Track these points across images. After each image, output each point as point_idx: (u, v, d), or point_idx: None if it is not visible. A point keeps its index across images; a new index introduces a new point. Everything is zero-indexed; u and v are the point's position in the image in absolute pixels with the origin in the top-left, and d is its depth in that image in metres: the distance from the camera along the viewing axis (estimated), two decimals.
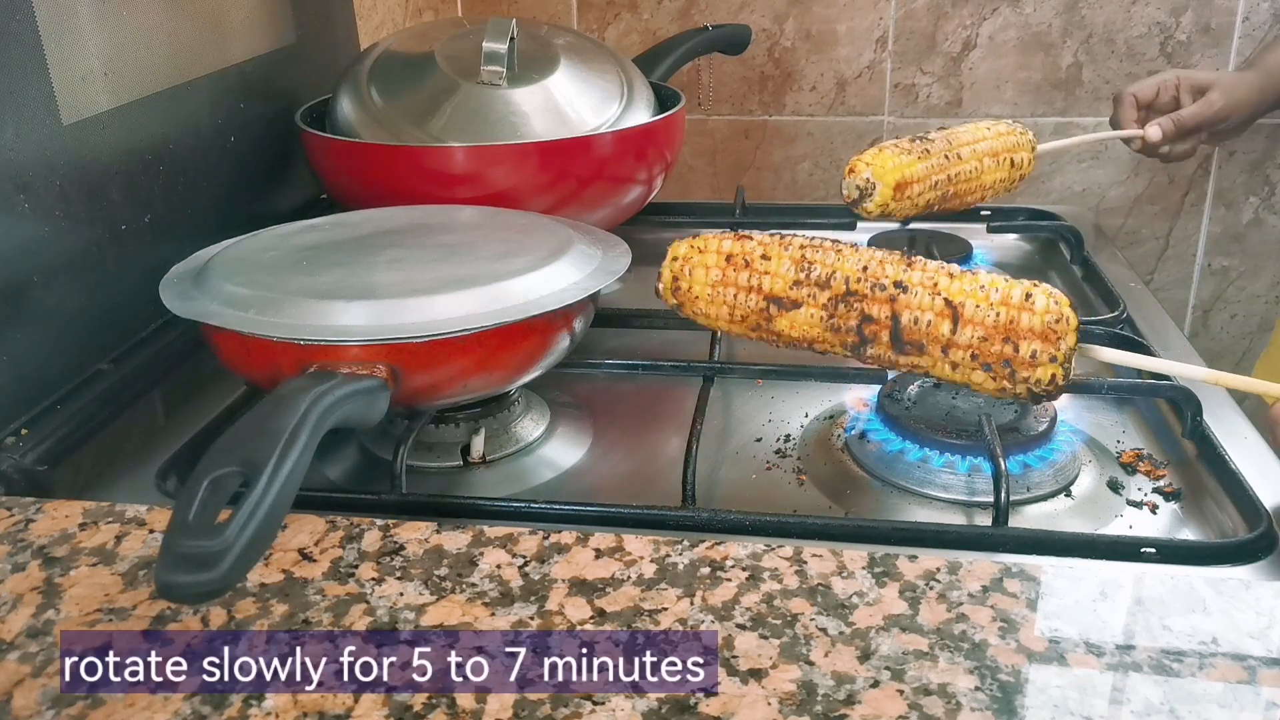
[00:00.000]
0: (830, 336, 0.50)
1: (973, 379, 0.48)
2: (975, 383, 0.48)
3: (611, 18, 1.23)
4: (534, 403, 0.61)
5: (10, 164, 0.54)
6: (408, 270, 0.55)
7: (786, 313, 0.50)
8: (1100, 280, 0.76)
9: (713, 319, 0.53)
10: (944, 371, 0.48)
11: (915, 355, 0.49)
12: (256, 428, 0.40)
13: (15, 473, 0.52)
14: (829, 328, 0.50)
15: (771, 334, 0.52)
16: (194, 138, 0.71)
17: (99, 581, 0.40)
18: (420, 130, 0.74)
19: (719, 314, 0.52)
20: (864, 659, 0.35)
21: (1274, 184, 1.18)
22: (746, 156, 1.26)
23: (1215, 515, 0.50)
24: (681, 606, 0.37)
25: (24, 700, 0.34)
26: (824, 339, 0.50)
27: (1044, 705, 0.33)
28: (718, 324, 0.53)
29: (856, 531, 0.48)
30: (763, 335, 0.52)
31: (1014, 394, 0.47)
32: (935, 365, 0.49)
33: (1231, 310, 1.23)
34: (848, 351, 0.50)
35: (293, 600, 0.38)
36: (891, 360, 0.50)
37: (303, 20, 0.86)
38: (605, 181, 0.77)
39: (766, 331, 0.52)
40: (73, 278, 0.59)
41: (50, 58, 0.56)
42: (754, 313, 0.51)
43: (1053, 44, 1.16)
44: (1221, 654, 0.35)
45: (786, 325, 0.51)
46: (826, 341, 0.50)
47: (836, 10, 1.18)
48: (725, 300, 0.52)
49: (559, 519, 0.49)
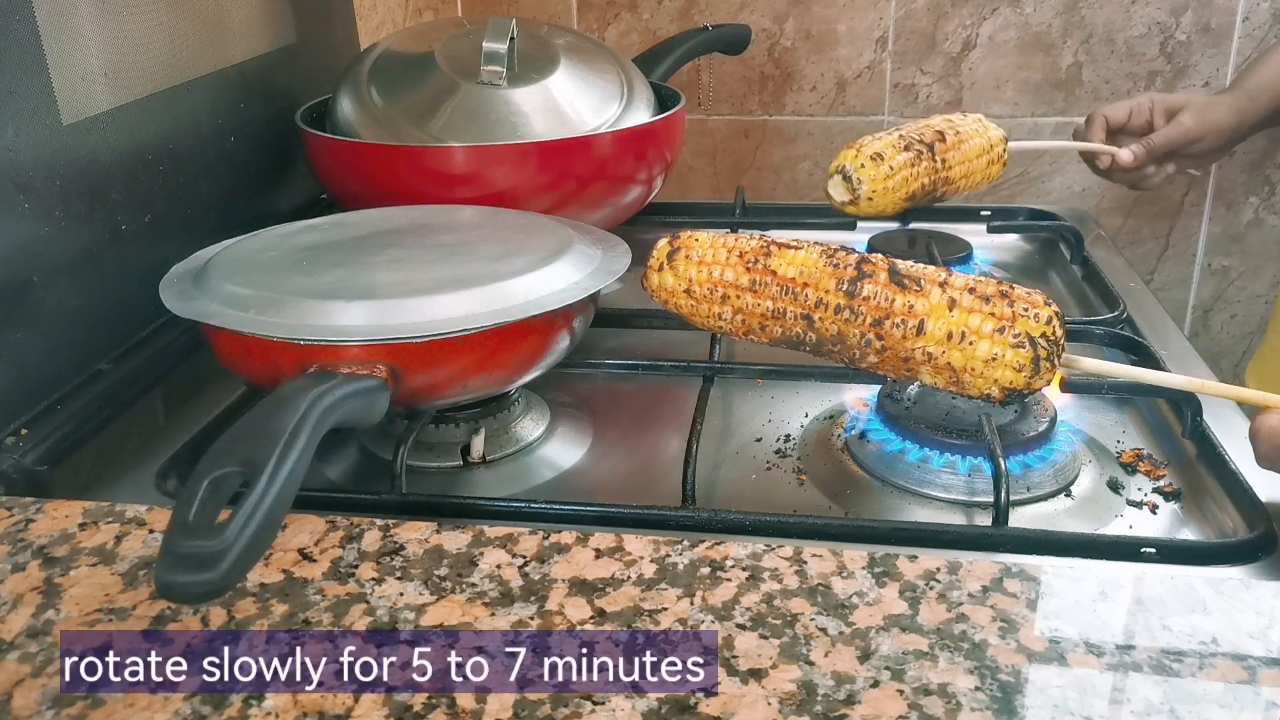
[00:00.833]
0: (828, 273, 0.49)
1: (969, 323, 0.47)
2: (972, 328, 0.47)
3: (611, 18, 1.23)
4: (534, 403, 0.61)
5: (10, 164, 0.54)
6: (408, 270, 0.55)
7: (784, 250, 0.50)
8: (1100, 280, 0.76)
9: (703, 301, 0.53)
10: (942, 315, 0.47)
11: (914, 292, 0.48)
12: (256, 428, 0.40)
13: (15, 473, 0.52)
14: (830, 263, 0.49)
15: (767, 272, 0.51)
16: (194, 138, 0.71)
17: (99, 581, 0.40)
18: (420, 130, 0.74)
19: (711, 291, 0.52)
20: (864, 659, 0.35)
21: (1274, 184, 1.18)
22: (746, 156, 1.26)
23: (1215, 515, 0.50)
24: (681, 606, 0.37)
25: (24, 700, 0.34)
26: (822, 274, 0.49)
27: (1044, 705, 0.33)
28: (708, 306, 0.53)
29: (856, 531, 0.48)
30: (757, 297, 0.51)
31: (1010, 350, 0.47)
32: (933, 313, 0.47)
33: (1231, 310, 1.23)
34: (843, 295, 0.49)
35: (293, 600, 0.38)
36: (887, 306, 0.48)
37: (303, 20, 0.86)
38: (605, 181, 0.77)
39: (761, 272, 0.51)
40: (73, 278, 0.59)
41: (50, 58, 0.56)
42: (751, 252, 0.51)
43: (1053, 44, 1.16)
44: (1221, 654, 0.35)
45: (783, 263, 0.50)
46: (823, 286, 0.49)
47: (836, 10, 1.18)
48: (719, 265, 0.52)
49: (559, 519, 0.49)
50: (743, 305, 0.51)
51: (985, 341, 0.47)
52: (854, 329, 0.49)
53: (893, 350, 0.49)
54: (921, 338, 0.48)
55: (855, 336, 0.49)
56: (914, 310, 0.48)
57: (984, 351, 0.47)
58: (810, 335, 0.50)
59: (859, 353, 0.50)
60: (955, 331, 0.47)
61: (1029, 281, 0.82)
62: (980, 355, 0.47)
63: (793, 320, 0.50)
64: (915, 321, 0.48)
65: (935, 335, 0.48)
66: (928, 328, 0.48)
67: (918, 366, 0.49)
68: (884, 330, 0.48)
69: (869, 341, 0.49)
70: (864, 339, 0.49)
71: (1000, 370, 0.47)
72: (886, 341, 0.49)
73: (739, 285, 0.51)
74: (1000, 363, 0.47)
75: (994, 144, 0.81)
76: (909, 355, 0.48)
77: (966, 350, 0.47)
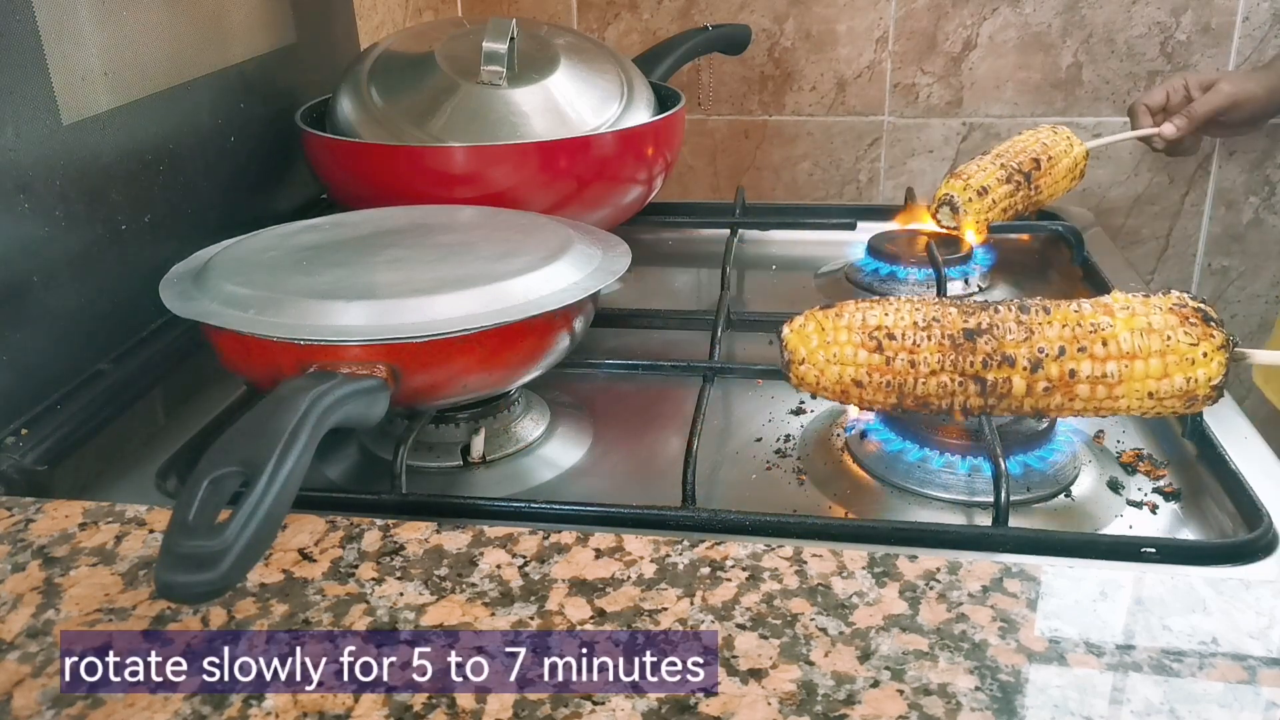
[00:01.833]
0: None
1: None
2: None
3: (611, 18, 1.23)
4: (534, 403, 0.61)
5: (10, 164, 0.54)
6: (408, 270, 0.55)
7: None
8: (1100, 280, 0.76)
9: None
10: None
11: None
12: (256, 428, 0.40)
13: (15, 473, 0.52)
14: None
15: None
16: (194, 138, 0.71)
17: (99, 581, 0.40)
18: (420, 130, 0.74)
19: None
20: (864, 659, 0.35)
21: (1274, 184, 1.18)
22: (746, 156, 1.26)
23: (1215, 515, 0.50)
24: (681, 606, 0.37)
25: (24, 700, 0.34)
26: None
27: (1044, 705, 0.33)
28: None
29: (856, 531, 0.48)
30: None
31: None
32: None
33: (1232, 310, 1.23)
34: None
35: (293, 600, 0.38)
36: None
37: (303, 20, 0.86)
38: (605, 181, 0.77)
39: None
40: (73, 278, 0.59)
41: (50, 58, 0.56)
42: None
43: (1053, 44, 1.16)
44: (1221, 654, 0.35)
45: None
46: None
47: (836, 10, 1.18)
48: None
49: (559, 519, 0.49)
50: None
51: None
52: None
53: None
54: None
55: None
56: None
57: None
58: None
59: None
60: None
61: (1029, 281, 0.82)
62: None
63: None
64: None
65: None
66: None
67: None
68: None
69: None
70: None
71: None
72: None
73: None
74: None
75: (1078, 161, 0.86)
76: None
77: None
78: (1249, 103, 0.97)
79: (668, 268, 0.89)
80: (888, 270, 0.79)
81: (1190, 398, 0.47)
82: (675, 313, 0.72)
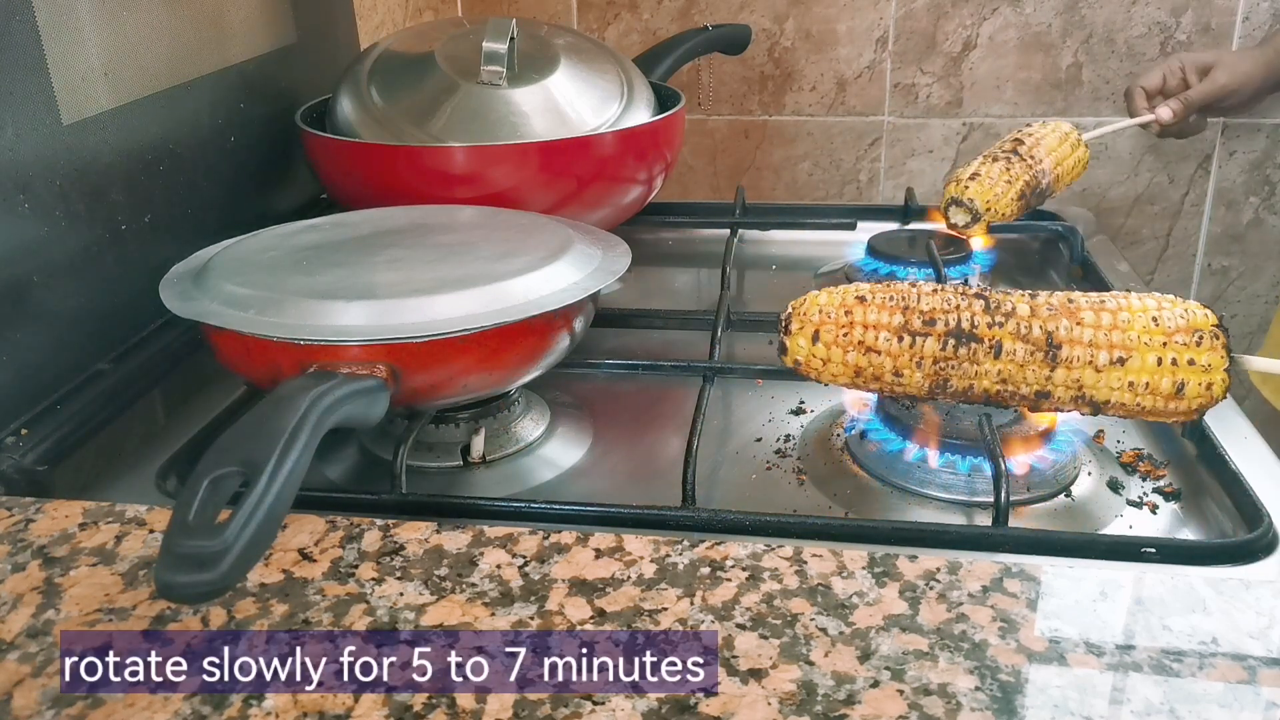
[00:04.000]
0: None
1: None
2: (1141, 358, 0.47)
3: (611, 18, 1.23)
4: (534, 403, 0.61)
5: (10, 164, 0.54)
6: (408, 270, 0.55)
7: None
8: (1100, 280, 0.76)
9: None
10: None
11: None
12: (256, 428, 0.40)
13: (15, 473, 0.52)
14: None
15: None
16: (194, 138, 0.71)
17: (99, 581, 0.40)
18: (420, 130, 0.74)
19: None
20: (864, 659, 0.35)
21: (1274, 184, 1.18)
22: (746, 156, 1.26)
23: (1215, 515, 0.50)
24: (681, 606, 0.37)
25: (24, 700, 0.34)
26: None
27: (1044, 705, 0.33)
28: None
29: (856, 531, 0.48)
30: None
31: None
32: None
33: (1232, 310, 1.23)
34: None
35: (293, 600, 0.38)
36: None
37: (303, 20, 0.86)
38: (605, 181, 0.77)
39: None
40: (73, 278, 0.59)
41: (50, 58, 0.56)
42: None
43: (1053, 44, 1.16)
44: (1221, 654, 0.35)
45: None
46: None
47: (836, 10, 1.18)
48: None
49: (559, 519, 0.49)
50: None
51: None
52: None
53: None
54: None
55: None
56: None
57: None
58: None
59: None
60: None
61: (1029, 281, 0.82)
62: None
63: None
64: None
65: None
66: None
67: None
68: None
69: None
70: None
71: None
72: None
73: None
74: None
75: (1067, 133, 0.85)
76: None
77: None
78: (1245, 87, 0.98)
79: (668, 268, 0.89)
80: (888, 270, 0.79)
81: (1183, 399, 0.47)
82: (675, 313, 0.72)
